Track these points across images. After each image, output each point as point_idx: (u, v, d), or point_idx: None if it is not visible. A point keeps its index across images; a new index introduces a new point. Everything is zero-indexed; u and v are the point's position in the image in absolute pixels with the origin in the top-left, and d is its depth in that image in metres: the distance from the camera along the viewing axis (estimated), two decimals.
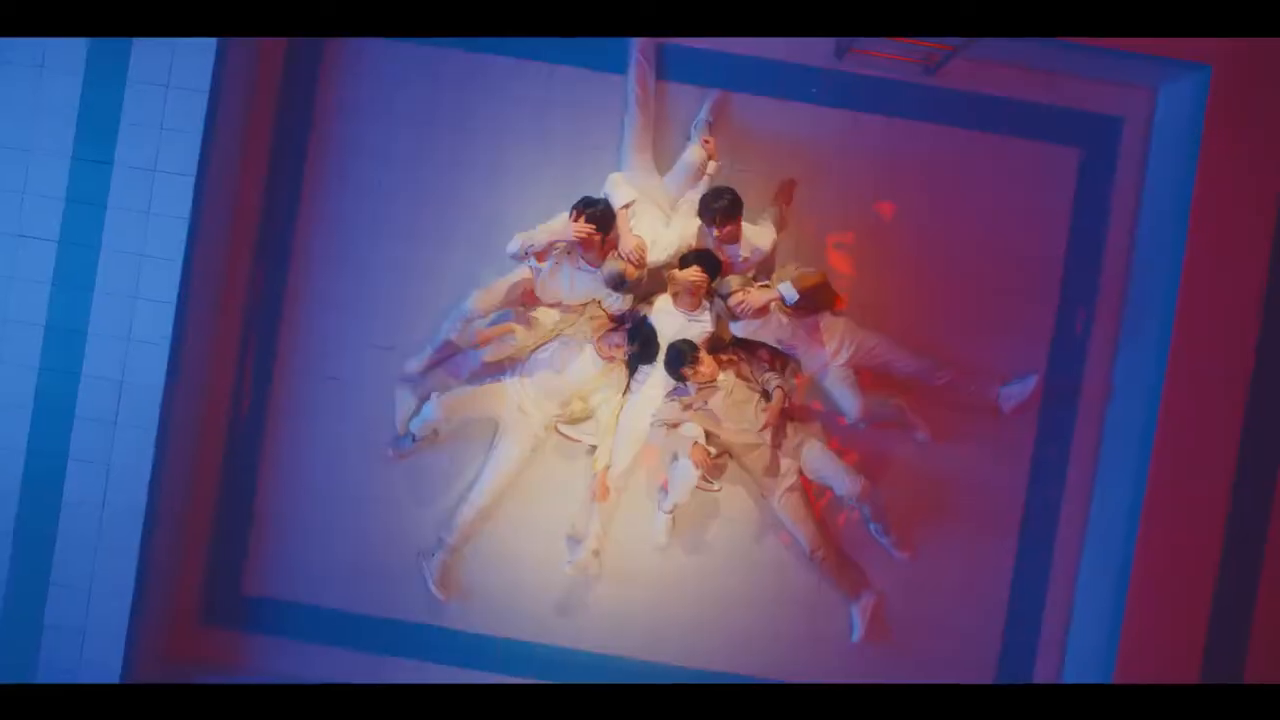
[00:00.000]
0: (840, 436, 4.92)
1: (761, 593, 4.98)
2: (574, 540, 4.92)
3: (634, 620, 4.97)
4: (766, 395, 4.74)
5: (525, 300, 4.74)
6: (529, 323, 4.72)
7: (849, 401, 4.70)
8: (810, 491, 4.91)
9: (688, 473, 4.63)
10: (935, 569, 4.99)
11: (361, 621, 4.95)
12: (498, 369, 4.85)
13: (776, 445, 4.71)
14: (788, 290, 4.42)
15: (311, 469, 4.96)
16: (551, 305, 4.76)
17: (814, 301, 4.57)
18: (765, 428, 4.61)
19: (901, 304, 4.97)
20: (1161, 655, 4.59)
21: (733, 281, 4.46)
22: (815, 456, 4.76)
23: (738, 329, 4.61)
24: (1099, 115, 5.01)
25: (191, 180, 4.53)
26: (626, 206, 4.49)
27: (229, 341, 4.95)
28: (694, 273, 4.48)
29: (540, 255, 4.46)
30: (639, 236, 4.47)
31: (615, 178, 4.61)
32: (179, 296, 4.55)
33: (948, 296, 5.00)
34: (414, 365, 4.88)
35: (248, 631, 4.95)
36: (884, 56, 4.85)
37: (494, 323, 4.77)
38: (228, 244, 4.92)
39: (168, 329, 4.54)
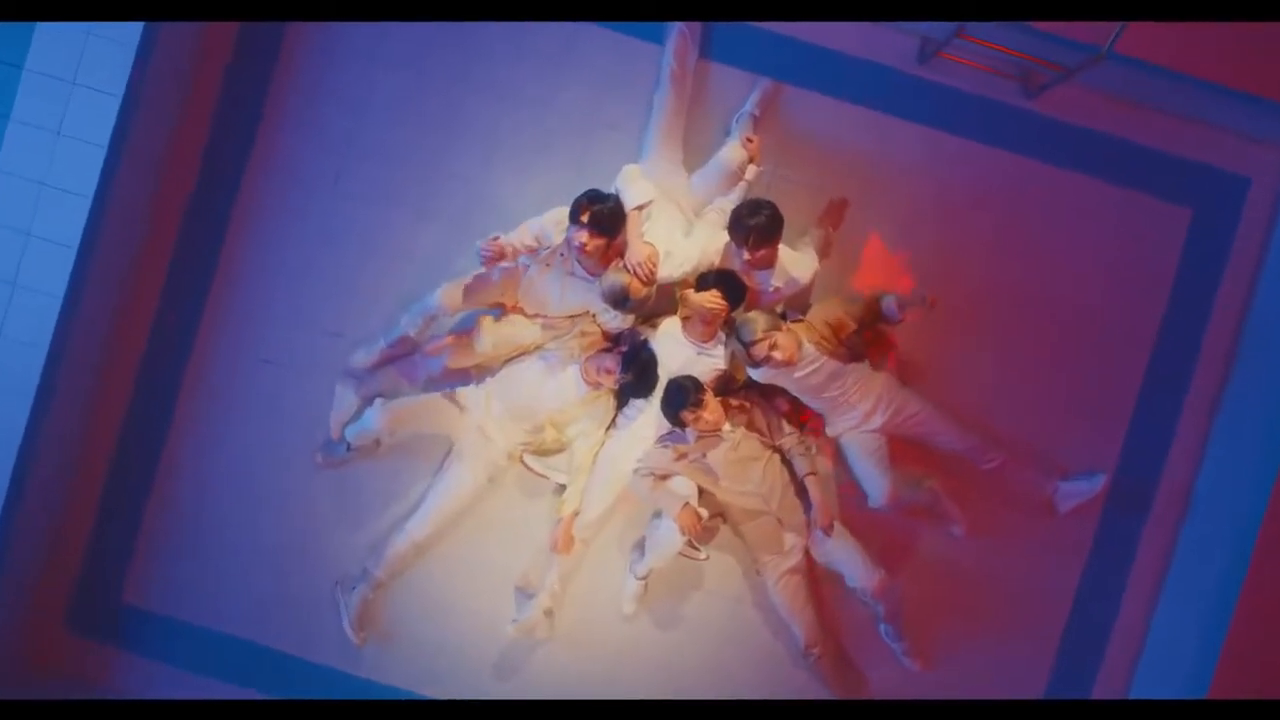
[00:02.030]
0: (857, 515, 4.06)
1: (739, 684, 4.16)
2: (524, 594, 4.10)
3: (582, 697, 4.14)
4: (781, 456, 3.92)
5: (505, 303, 3.93)
6: (494, 339, 3.88)
7: (875, 480, 3.88)
8: (815, 576, 4.07)
9: (671, 537, 3.82)
10: (951, 685, 4.16)
11: (258, 654, 4.14)
12: (462, 377, 4.03)
13: (809, 538, 3.94)
14: (889, 307, 3.76)
15: (223, 465, 4.14)
16: (534, 315, 3.93)
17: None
18: (826, 528, 3.85)
19: (953, 365, 4.15)
20: None
21: (758, 323, 3.61)
22: (829, 537, 3.93)
23: (757, 373, 3.77)
24: (1221, 171, 4.16)
25: (118, 101, 3.69)
26: (641, 208, 3.66)
27: (143, 302, 4.12)
28: (713, 298, 3.67)
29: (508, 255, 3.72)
30: (651, 246, 3.64)
31: (632, 170, 3.80)
32: (84, 240, 3.72)
33: (1010, 364, 4.17)
34: (362, 359, 4.06)
35: (121, 647, 4.13)
36: (977, 67, 4.00)
37: (461, 325, 3.96)
38: (155, 184, 4.07)
39: (64, 277, 3.71)
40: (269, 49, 4.08)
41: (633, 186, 3.69)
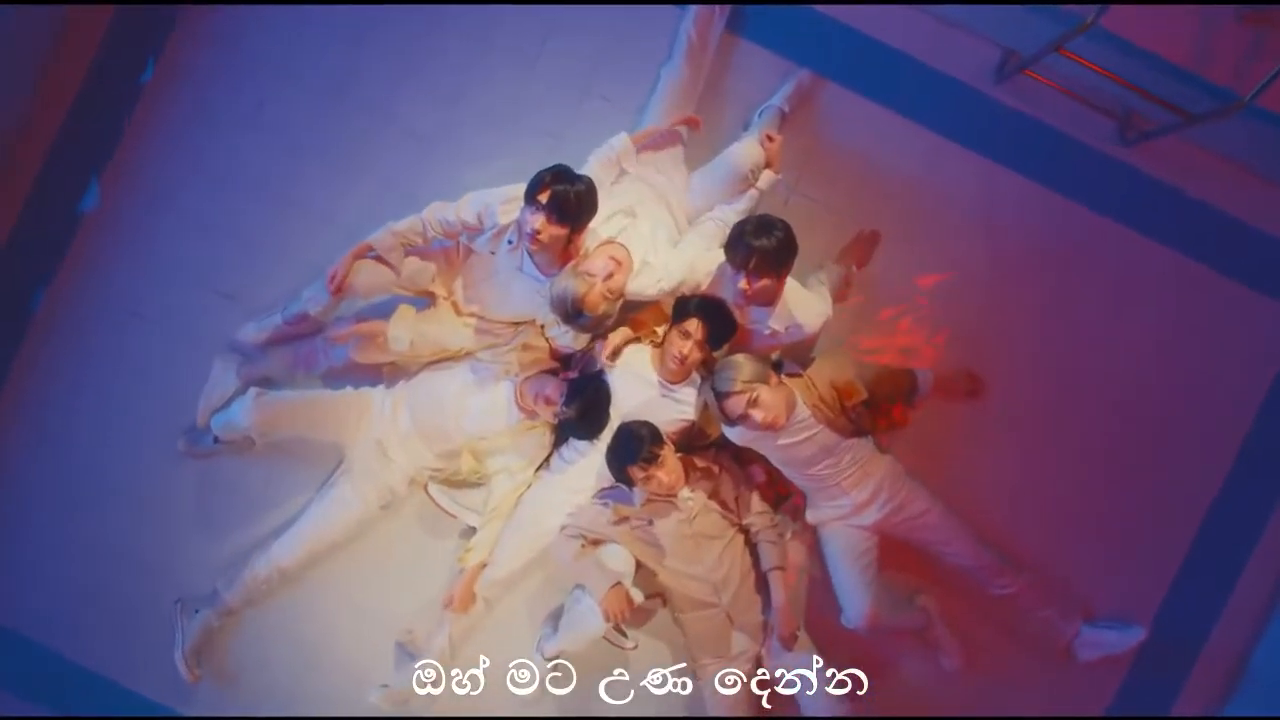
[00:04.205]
0: (827, 624, 3.26)
1: None
2: (406, 653, 3.33)
3: None
4: (746, 537, 3.16)
5: (434, 291, 3.16)
6: (413, 336, 3.11)
7: (854, 593, 3.13)
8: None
9: (591, 620, 3.04)
10: None
11: (67, 672, 3.36)
12: (371, 374, 3.27)
13: (764, 646, 3.19)
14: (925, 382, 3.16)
15: (62, 434, 3.37)
16: (468, 313, 3.14)
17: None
18: (786, 639, 3.10)
19: (974, 459, 3.39)
20: None
21: (741, 371, 2.81)
22: (789, 650, 3.14)
23: (732, 432, 2.97)
24: None
25: None
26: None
27: None
28: (691, 329, 2.88)
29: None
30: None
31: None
32: None
33: (1045, 467, 3.41)
34: (251, 334, 3.30)
35: None
36: (1068, 95, 3.21)
37: (377, 311, 3.18)
38: (28, 86, 3.27)
39: None
40: None
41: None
